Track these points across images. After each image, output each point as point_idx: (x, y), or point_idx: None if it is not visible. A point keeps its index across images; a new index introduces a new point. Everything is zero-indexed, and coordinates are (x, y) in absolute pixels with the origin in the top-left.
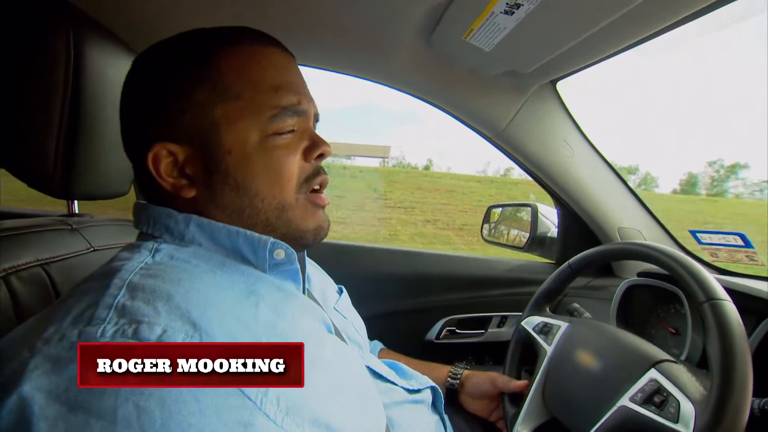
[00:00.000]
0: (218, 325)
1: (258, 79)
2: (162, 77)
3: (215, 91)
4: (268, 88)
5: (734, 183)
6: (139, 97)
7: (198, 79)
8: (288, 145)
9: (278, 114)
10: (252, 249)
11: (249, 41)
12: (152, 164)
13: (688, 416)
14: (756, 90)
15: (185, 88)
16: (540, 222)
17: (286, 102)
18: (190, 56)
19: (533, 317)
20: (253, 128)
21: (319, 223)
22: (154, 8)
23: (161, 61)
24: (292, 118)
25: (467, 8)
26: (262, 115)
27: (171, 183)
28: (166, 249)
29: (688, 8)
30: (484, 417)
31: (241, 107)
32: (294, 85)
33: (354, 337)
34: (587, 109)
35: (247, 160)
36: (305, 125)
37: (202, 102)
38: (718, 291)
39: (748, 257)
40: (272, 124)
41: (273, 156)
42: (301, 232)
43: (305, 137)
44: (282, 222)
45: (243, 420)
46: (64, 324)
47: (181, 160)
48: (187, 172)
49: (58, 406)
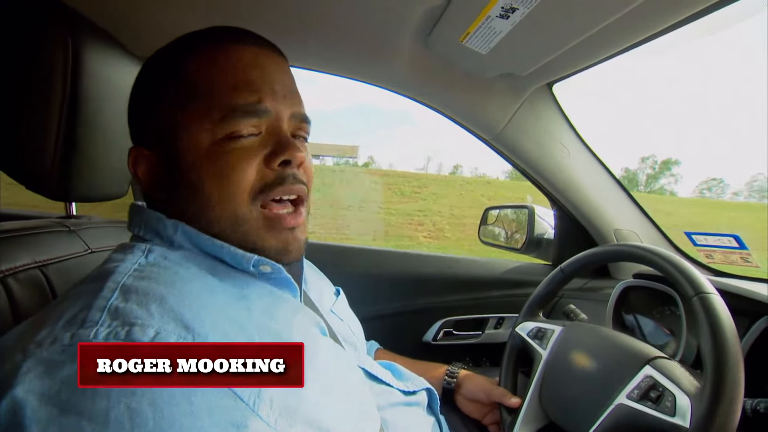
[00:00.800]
0: (211, 327)
1: (215, 78)
2: (143, 83)
3: (178, 94)
4: (224, 88)
5: (667, 180)
6: (130, 103)
7: (168, 83)
8: (243, 150)
9: (228, 115)
10: (236, 263)
11: (217, 40)
12: (132, 166)
13: (684, 409)
14: (692, 88)
15: (158, 93)
16: (537, 224)
17: (239, 101)
18: (163, 61)
19: (527, 323)
20: (205, 131)
21: (282, 244)
22: (153, 11)
23: (146, 68)
24: (247, 118)
25: (463, 12)
26: (212, 116)
27: (145, 183)
28: (159, 251)
29: (680, 13)
30: (478, 419)
31: (196, 109)
32: (255, 82)
33: (350, 339)
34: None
35: (199, 165)
36: (273, 127)
37: (170, 106)
38: (705, 285)
39: (742, 259)
40: (222, 126)
41: (223, 160)
42: (263, 250)
43: (270, 141)
44: (238, 236)
45: (236, 421)
46: (57, 327)
47: (153, 163)
48: (158, 175)
49: (50, 409)
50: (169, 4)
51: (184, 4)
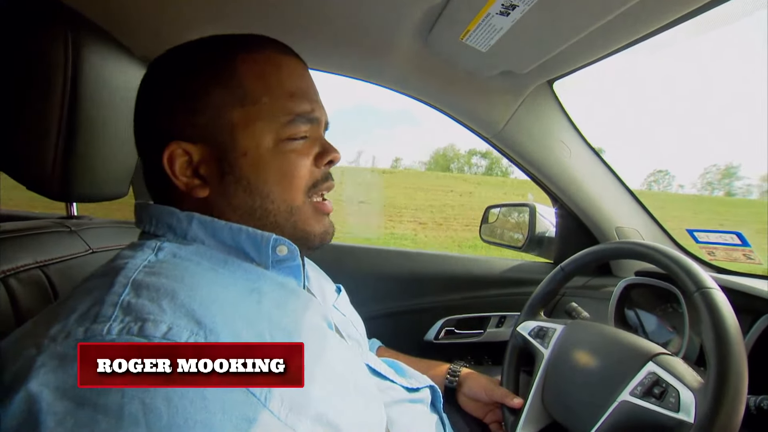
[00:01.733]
0: (222, 322)
1: (275, 85)
2: (181, 78)
3: (232, 94)
4: (284, 95)
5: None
6: (156, 97)
7: (216, 81)
8: (300, 150)
9: (293, 120)
10: (254, 245)
11: (267, 48)
12: (167, 163)
13: (688, 404)
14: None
15: (203, 89)
16: (538, 222)
17: (300, 109)
18: (210, 59)
19: (528, 322)
20: (269, 132)
21: (325, 228)
22: (154, 11)
23: (181, 63)
24: (305, 125)
25: (463, 9)
26: (277, 120)
27: (185, 182)
28: (169, 247)
29: (683, 8)
30: (480, 418)
31: (258, 111)
32: (308, 93)
33: (353, 335)
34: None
35: (261, 163)
36: (317, 132)
37: (219, 104)
38: (706, 280)
39: (745, 256)
40: (287, 130)
41: (286, 160)
42: (308, 235)
43: (317, 144)
44: (290, 224)
45: (248, 416)
46: (69, 322)
47: (195, 160)
48: (201, 173)
49: (65, 402)
50: (170, 4)
51: (185, 4)
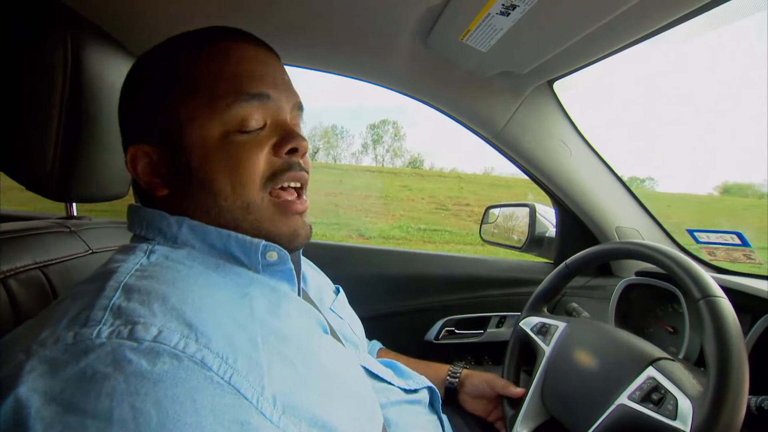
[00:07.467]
0: (213, 326)
1: (215, 71)
2: (139, 81)
3: (182, 90)
4: (224, 78)
5: None
6: (123, 101)
7: (167, 80)
8: (253, 141)
9: (234, 101)
10: (243, 251)
11: (222, 40)
12: (131, 164)
13: (686, 413)
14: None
15: (157, 90)
16: (538, 222)
17: (243, 89)
18: (159, 59)
19: (531, 318)
20: (213, 123)
21: (293, 229)
22: (152, 11)
23: (141, 66)
24: (250, 102)
25: (463, 10)
26: (217, 106)
27: (146, 182)
28: (161, 250)
29: (683, 7)
30: (483, 417)
31: (200, 103)
32: (260, 75)
33: (350, 338)
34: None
35: (209, 157)
36: (277, 119)
37: (171, 103)
38: (713, 288)
39: (745, 256)
40: (231, 114)
41: (234, 152)
42: (273, 236)
43: (276, 132)
44: (248, 223)
45: (239, 419)
46: (59, 326)
47: (155, 161)
48: (162, 172)
49: (54, 408)
50: (169, 4)
51: (184, 4)
